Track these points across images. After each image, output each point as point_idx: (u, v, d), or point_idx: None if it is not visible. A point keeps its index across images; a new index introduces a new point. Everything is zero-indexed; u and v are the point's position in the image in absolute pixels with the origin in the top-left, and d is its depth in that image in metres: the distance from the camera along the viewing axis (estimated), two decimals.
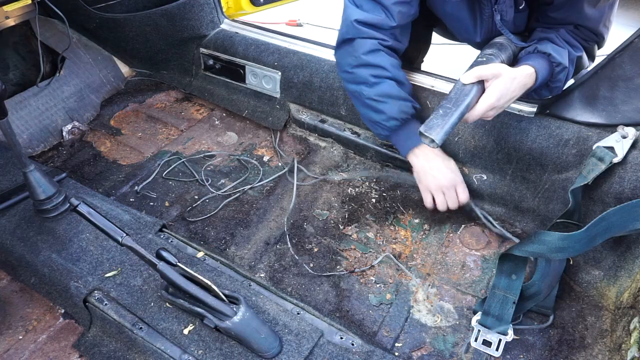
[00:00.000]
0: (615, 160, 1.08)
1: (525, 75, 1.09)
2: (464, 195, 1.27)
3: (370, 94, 1.23)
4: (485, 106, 1.05)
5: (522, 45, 1.20)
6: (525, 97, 1.20)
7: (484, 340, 1.03)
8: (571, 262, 1.19)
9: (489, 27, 1.25)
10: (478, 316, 1.06)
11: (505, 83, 1.06)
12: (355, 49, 1.22)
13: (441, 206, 1.27)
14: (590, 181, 1.09)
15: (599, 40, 1.20)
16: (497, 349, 1.01)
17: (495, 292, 1.07)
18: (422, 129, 1.02)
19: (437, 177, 1.25)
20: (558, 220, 1.14)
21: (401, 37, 1.28)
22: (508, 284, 1.06)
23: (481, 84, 1.07)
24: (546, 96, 1.22)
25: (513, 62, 1.19)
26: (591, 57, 1.23)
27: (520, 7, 1.18)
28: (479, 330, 1.04)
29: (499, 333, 1.02)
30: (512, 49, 1.20)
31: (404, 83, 1.26)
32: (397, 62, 1.26)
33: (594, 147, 1.13)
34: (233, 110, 1.73)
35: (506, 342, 1.01)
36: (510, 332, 1.02)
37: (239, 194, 1.42)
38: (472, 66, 1.12)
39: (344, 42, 1.25)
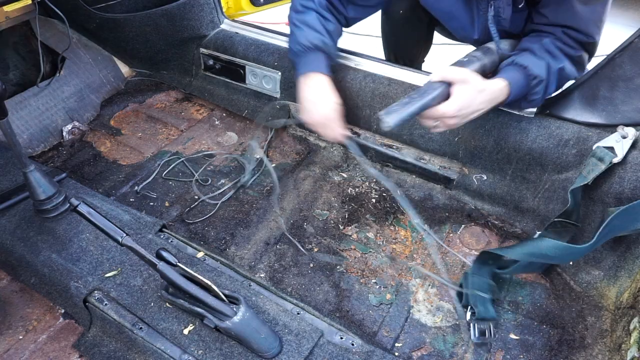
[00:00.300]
0: (615, 160, 1.08)
1: (495, 89, 1.08)
2: (333, 134, 1.25)
3: (292, 17, 1.29)
4: (442, 111, 1.04)
5: (506, 54, 1.19)
6: (507, 108, 1.21)
7: (479, 331, 1.06)
8: (571, 262, 1.19)
9: (485, 24, 1.22)
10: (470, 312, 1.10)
11: (470, 93, 1.05)
12: None
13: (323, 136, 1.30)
14: (590, 181, 1.09)
15: (589, 46, 1.14)
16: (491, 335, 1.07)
17: (477, 293, 1.09)
18: (381, 112, 1.03)
19: (311, 110, 1.24)
20: (556, 220, 1.14)
21: (348, 5, 1.33)
22: (487, 286, 1.11)
23: (449, 86, 1.06)
24: (526, 108, 1.21)
25: (495, 70, 1.18)
26: (581, 67, 1.17)
27: (520, 6, 1.16)
28: (474, 325, 1.07)
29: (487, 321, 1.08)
30: (499, 55, 1.19)
31: (328, 20, 1.28)
32: (325, 4, 1.29)
33: (594, 147, 1.13)
34: (233, 110, 1.73)
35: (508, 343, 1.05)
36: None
37: (239, 194, 1.42)
38: (453, 65, 1.14)
39: None
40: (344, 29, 1.39)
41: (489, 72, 1.18)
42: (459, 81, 1.05)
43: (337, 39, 1.34)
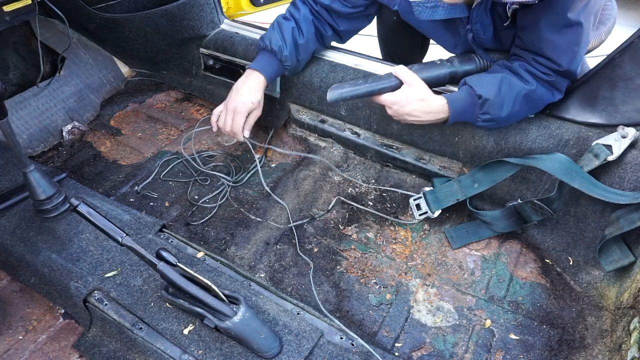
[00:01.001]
0: (610, 158, 1.08)
1: (434, 104, 1.16)
2: (233, 127, 1.33)
3: (278, 17, 1.39)
4: (382, 99, 1.19)
5: (488, 61, 1.23)
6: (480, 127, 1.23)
7: (417, 204, 1.31)
8: (571, 262, 1.19)
9: (467, 43, 1.24)
10: (429, 188, 1.33)
11: (408, 96, 1.16)
12: None
13: (218, 123, 1.37)
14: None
15: (562, 73, 1.11)
16: (419, 215, 1.30)
17: (454, 184, 1.29)
18: (332, 86, 1.21)
19: (232, 95, 1.33)
20: (535, 200, 1.17)
21: (338, 18, 1.38)
22: (467, 186, 1.26)
23: (401, 83, 1.18)
24: (492, 127, 1.23)
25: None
26: (558, 91, 1.15)
27: (505, 24, 1.12)
28: (420, 197, 1.32)
29: (430, 208, 1.29)
30: (481, 65, 1.22)
31: (302, 35, 1.35)
32: (310, 18, 1.36)
33: (592, 144, 1.14)
34: None
35: (429, 217, 1.29)
36: (437, 213, 1.28)
37: (239, 194, 1.42)
38: (421, 66, 1.24)
39: None
40: (338, 44, 1.51)
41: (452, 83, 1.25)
42: (405, 82, 1.17)
43: (303, 54, 1.40)
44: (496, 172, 1.22)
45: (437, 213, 1.28)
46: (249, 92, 1.32)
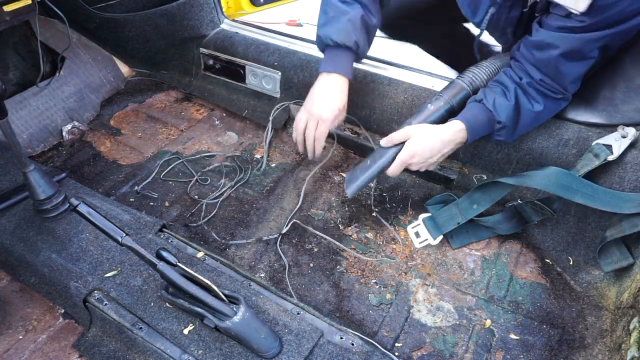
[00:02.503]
0: (610, 158, 1.09)
1: (450, 131, 1.12)
2: (317, 133, 1.24)
3: (334, 2, 1.21)
4: (398, 163, 1.14)
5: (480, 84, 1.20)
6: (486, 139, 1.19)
7: (416, 231, 1.27)
8: (571, 262, 1.19)
9: (483, 18, 1.18)
10: (428, 214, 1.28)
11: (418, 143, 1.12)
12: None
13: (299, 132, 1.27)
14: (582, 174, 1.10)
15: (569, 95, 1.12)
16: (419, 243, 1.26)
17: (452, 207, 1.25)
18: (346, 179, 1.23)
19: (314, 101, 1.23)
20: (535, 200, 1.17)
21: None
22: (466, 209, 1.23)
23: (401, 143, 1.15)
24: (501, 141, 1.18)
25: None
26: (565, 101, 1.15)
27: (524, 10, 1.10)
28: (419, 224, 1.28)
29: (430, 235, 1.26)
30: (473, 86, 1.20)
31: (372, 14, 1.21)
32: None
33: (592, 144, 1.14)
34: (233, 110, 1.73)
35: (429, 244, 1.25)
36: (438, 239, 1.24)
37: (239, 194, 1.42)
38: (415, 115, 1.21)
39: None
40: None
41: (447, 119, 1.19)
42: (405, 139, 1.14)
43: (373, 36, 1.28)
44: (493, 191, 1.19)
45: (438, 239, 1.24)
46: (337, 97, 1.23)
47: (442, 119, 1.20)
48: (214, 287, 0.87)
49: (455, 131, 1.12)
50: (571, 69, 1.05)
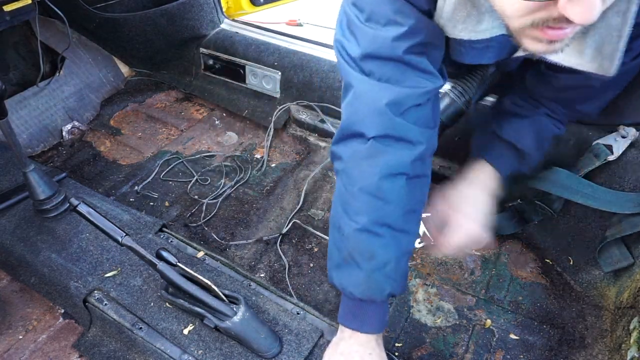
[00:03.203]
0: (610, 158, 1.09)
1: (484, 184, 0.95)
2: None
3: (353, 237, 0.80)
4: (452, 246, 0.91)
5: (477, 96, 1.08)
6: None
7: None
8: (571, 262, 1.19)
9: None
10: (426, 214, 1.14)
11: (464, 220, 0.91)
12: (375, 162, 0.78)
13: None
14: (582, 174, 1.10)
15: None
16: (418, 243, 1.23)
17: None
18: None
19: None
20: (536, 200, 1.16)
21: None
22: None
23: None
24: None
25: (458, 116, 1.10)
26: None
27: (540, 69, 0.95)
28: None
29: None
30: (463, 102, 1.09)
31: (408, 250, 0.84)
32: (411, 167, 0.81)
33: (592, 144, 1.14)
34: (233, 110, 1.73)
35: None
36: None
37: (239, 194, 1.42)
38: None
39: (355, 137, 0.81)
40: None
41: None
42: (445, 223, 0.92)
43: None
44: None
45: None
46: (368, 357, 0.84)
47: (459, 111, 1.13)
48: (214, 287, 0.87)
49: (489, 178, 0.97)
50: (592, 109, 0.99)
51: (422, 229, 1.26)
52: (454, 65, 0.87)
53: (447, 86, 1.11)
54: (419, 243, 1.25)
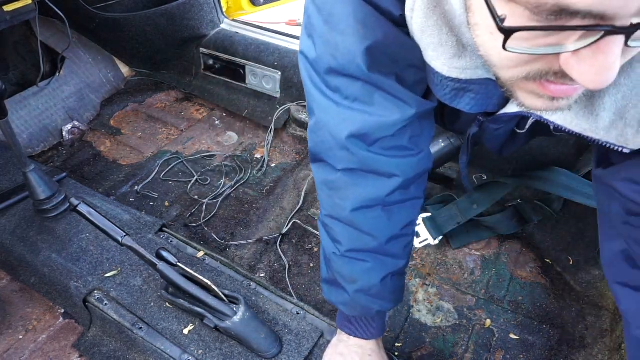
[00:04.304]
0: None
1: None
2: None
3: (336, 265, 0.78)
4: None
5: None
6: None
7: (417, 232, 1.24)
8: (571, 262, 1.19)
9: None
10: (428, 214, 1.26)
11: None
12: (345, 194, 0.72)
13: None
14: (582, 174, 1.10)
15: None
16: (419, 243, 1.24)
17: (452, 208, 1.23)
18: None
19: None
20: (536, 201, 1.17)
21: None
22: (466, 209, 1.21)
23: None
24: None
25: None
26: None
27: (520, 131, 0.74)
28: (419, 224, 1.25)
29: (430, 235, 1.24)
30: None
31: (397, 270, 0.78)
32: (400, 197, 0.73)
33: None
34: (233, 110, 1.73)
35: (429, 244, 1.24)
36: (438, 239, 1.23)
37: (239, 194, 1.42)
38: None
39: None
40: None
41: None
42: None
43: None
44: (494, 191, 1.20)
45: (438, 240, 1.23)
46: None
47: (451, 156, 1.18)
48: (214, 287, 0.87)
49: None
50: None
51: (422, 229, 1.26)
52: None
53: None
54: (419, 243, 1.25)
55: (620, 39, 0.33)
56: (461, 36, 0.51)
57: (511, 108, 0.61)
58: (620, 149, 0.54)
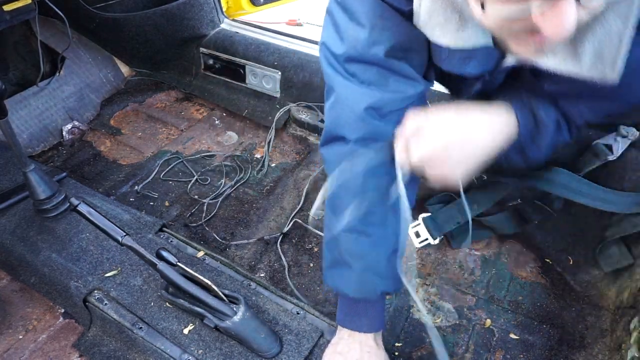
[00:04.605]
0: (610, 158, 1.08)
1: (496, 120, 0.74)
2: None
3: (342, 237, 0.81)
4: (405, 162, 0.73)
5: None
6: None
7: (416, 231, 1.24)
8: (571, 262, 1.19)
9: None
10: (428, 214, 1.25)
11: (431, 136, 0.70)
12: (357, 161, 0.77)
13: None
14: (582, 174, 1.10)
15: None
16: (419, 243, 1.24)
17: (452, 207, 1.23)
18: None
19: None
20: (536, 201, 1.17)
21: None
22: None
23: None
24: (518, 165, 0.90)
25: None
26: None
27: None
28: (419, 223, 1.24)
29: (430, 235, 1.23)
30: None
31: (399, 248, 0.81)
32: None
33: (592, 144, 1.14)
34: (233, 110, 1.73)
35: (429, 244, 1.24)
36: (438, 239, 1.23)
37: (239, 193, 1.42)
38: None
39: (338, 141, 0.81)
40: None
41: None
42: (408, 139, 0.72)
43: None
44: (494, 191, 1.19)
45: (438, 239, 1.23)
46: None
47: None
48: (214, 287, 0.87)
49: (503, 121, 0.75)
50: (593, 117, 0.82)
51: (422, 229, 1.26)
52: (441, 73, 0.82)
53: None
54: (420, 243, 1.25)
55: (571, 1, 0.45)
56: (462, 12, 0.64)
57: (507, 62, 0.73)
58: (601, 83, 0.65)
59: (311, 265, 1.21)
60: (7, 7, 1.40)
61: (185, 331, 0.92)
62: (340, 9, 0.75)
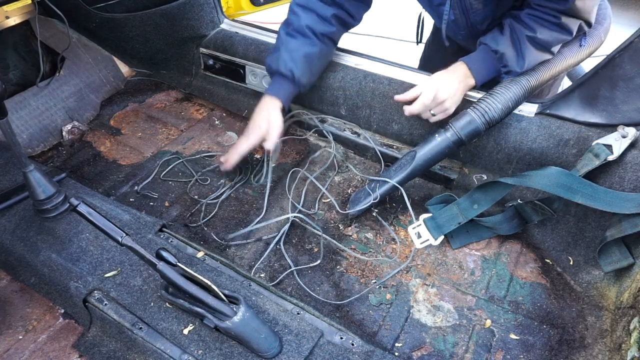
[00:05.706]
0: (610, 158, 1.09)
1: (457, 69, 1.21)
2: (266, 142, 1.35)
3: (281, 32, 1.37)
4: (420, 104, 1.22)
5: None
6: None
7: (417, 232, 1.26)
8: (571, 262, 1.19)
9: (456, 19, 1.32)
10: (428, 214, 1.27)
11: (430, 86, 1.20)
12: None
13: (243, 143, 1.35)
14: (582, 174, 1.10)
15: (568, 11, 1.12)
16: (420, 244, 1.26)
17: (452, 207, 1.24)
18: (351, 198, 1.35)
19: (253, 119, 1.36)
20: (536, 200, 1.16)
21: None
22: (467, 208, 1.22)
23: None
24: (511, 73, 1.22)
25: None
26: (567, 32, 1.16)
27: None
28: (420, 224, 1.26)
29: (431, 235, 1.25)
30: (484, 121, 1.19)
31: (315, 47, 1.34)
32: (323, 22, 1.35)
33: (592, 144, 1.14)
34: (233, 110, 1.73)
35: (429, 244, 1.25)
36: (439, 239, 1.24)
37: (238, 194, 1.42)
38: (420, 145, 1.26)
39: None
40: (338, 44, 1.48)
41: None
42: (419, 92, 1.23)
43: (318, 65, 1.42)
44: (494, 191, 1.19)
45: (439, 240, 1.23)
46: (266, 112, 1.34)
47: (450, 151, 1.22)
48: (214, 287, 0.87)
49: (459, 68, 1.21)
50: None
51: (423, 229, 1.26)
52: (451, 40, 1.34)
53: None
54: (421, 243, 1.25)
55: None
56: None
57: None
58: None
59: (311, 265, 1.21)
60: (7, 7, 1.40)
61: (185, 331, 0.92)
62: None
